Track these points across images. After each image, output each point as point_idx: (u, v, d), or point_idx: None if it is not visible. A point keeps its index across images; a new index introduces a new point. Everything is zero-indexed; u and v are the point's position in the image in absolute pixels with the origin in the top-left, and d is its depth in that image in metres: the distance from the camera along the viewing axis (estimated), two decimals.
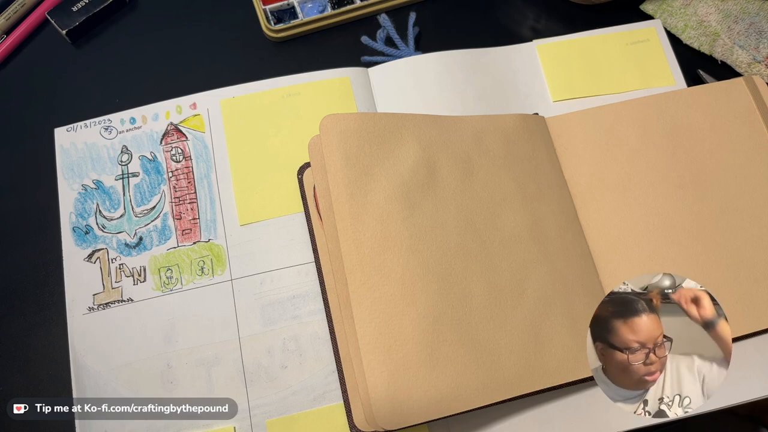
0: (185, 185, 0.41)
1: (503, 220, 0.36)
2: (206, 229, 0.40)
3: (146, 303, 0.38)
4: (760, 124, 0.42)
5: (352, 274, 0.32)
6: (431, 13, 0.49)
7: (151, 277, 0.39)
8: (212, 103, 0.42)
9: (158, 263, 0.39)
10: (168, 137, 0.42)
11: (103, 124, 0.42)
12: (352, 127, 0.34)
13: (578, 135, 0.41)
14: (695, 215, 0.39)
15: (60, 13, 0.47)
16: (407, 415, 0.31)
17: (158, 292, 0.38)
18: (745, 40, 0.44)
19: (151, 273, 0.39)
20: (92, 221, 0.40)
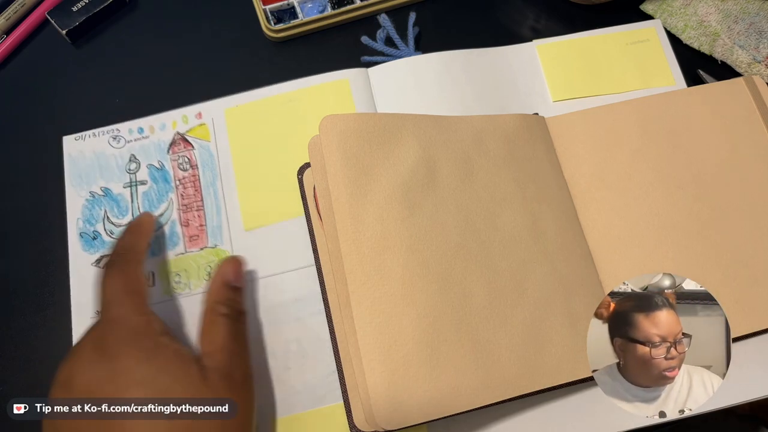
0: (192, 193, 0.41)
1: (503, 220, 0.36)
2: (212, 235, 0.40)
3: (155, 307, 0.38)
4: (760, 124, 0.42)
5: (352, 274, 0.32)
6: (431, 13, 0.49)
7: (160, 282, 0.39)
8: (217, 113, 0.43)
9: (167, 268, 0.39)
10: (175, 146, 0.42)
11: (112, 133, 0.43)
12: (352, 127, 0.34)
13: (578, 135, 0.41)
14: (695, 215, 0.39)
15: (60, 13, 0.47)
16: (407, 414, 0.31)
17: (167, 297, 0.39)
18: (745, 40, 0.44)
19: (160, 278, 0.39)
20: (100, 227, 0.41)
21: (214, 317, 0.34)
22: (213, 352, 0.33)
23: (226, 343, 0.33)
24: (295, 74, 0.43)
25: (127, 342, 0.30)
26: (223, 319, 0.34)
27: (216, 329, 0.34)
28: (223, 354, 0.33)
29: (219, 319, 0.34)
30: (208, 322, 0.34)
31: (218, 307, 0.35)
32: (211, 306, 0.35)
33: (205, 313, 0.35)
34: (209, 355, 0.33)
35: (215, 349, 0.33)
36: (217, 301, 0.35)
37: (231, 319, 0.34)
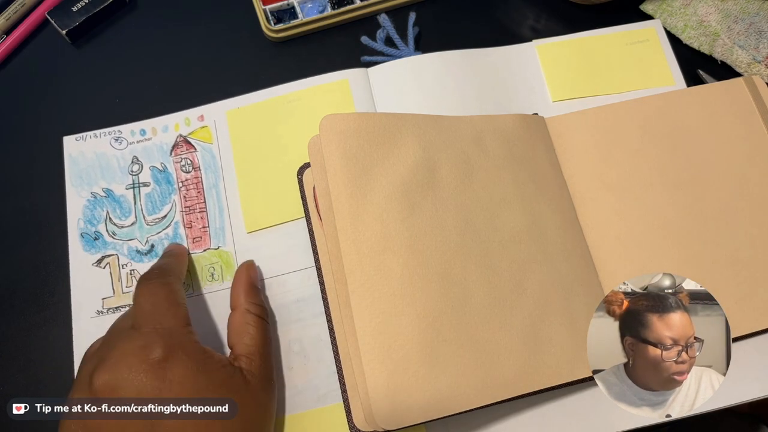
0: (195, 195, 0.41)
1: (503, 221, 0.36)
2: (215, 237, 0.40)
3: None
4: (760, 124, 0.42)
5: (352, 274, 0.32)
6: (431, 13, 0.49)
7: None
8: (218, 115, 0.43)
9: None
10: (177, 149, 0.43)
11: (113, 135, 0.43)
12: (352, 127, 0.34)
13: (578, 135, 0.41)
14: (695, 215, 0.39)
15: (60, 13, 0.47)
16: (407, 414, 0.31)
17: None
18: (745, 40, 0.44)
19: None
20: (102, 228, 0.41)
21: (248, 318, 0.35)
22: (250, 354, 0.34)
23: (260, 346, 0.34)
24: (295, 74, 0.43)
25: (179, 353, 0.30)
26: (256, 320, 0.35)
27: (251, 331, 0.35)
28: (260, 357, 0.34)
29: (253, 321, 0.35)
30: (241, 323, 0.35)
31: (251, 307, 0.36)
32: (244, 308, 0.35)
33: (235, 316, 0.35)
34: (246, 358, 0.33)
35: (252, 352, 0.34)
36: (249, 302, 0.36)
37: (262, 320, 0.35)
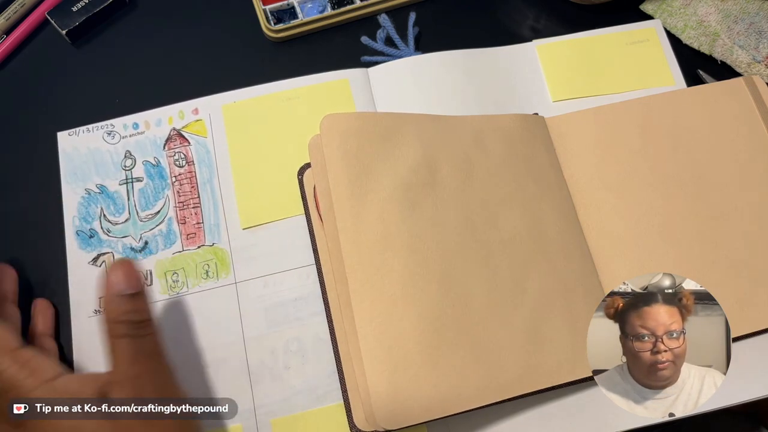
0: (189, 190, 0.41)
1: (503, 220, 0.36)
2: (210, 233, 0.40)
3: (152, 306, 0.38)
4: (760, 124, 0.42)
5: (353, 274, 0.32)
6: (431, 13, 0.49)
7: (157, 281, 0.39)
8: (214, 108, 0.43)
9: (164, 267, 0.39)
10: (171, 142, 0.42)
11: (106, 129, 0.42)
12: (353, 127, 0.34)
13: (578, 135, 0.41)
14: (695, 215, 0.39)
15: (60, 13, 0.47)
16: (407, 414, 0.31)
17: (165, 296, 0.39)
18: (745, 40, 0.45)
19: (157, 277, 0.39)
20: (97, 225, 0.40)
21: (114, 340, 0.30)
22: (121, 381, 0.30)
23: (132, 369, 0.30)
24: (295, 74, 0.43)
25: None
26: (125, 340, 0.30)
27: (119, 354, 0.30)
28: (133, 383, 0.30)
29: (120, 342, 0.30)
30: (109, 346, 0.30)
31: (115, 327, 0.30)
32: (108, 327, 0.30)
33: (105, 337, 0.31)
34: (117, 385, 0.30)
35: (122, 378, 0.30)
36: (114, 320, 0.30)
37: (134, 338, 0.30)
